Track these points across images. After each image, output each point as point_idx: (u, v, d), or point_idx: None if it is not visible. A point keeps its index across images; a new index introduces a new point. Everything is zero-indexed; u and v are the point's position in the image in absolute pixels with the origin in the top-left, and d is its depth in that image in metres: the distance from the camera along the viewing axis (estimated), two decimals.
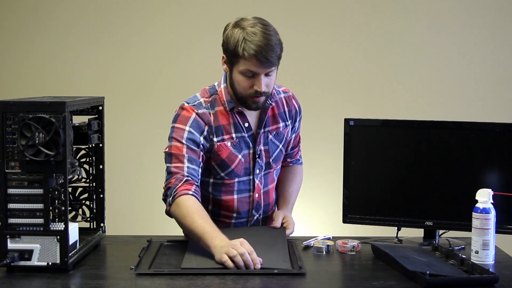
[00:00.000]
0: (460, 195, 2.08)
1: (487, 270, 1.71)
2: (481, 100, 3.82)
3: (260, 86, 1.98)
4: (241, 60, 1.96)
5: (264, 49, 1.93)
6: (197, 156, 2.01)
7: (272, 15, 3.85)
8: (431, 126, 2.14)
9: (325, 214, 3.80)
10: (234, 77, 2.02)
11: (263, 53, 1.93)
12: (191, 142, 2.01)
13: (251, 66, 1.96)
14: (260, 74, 1.97)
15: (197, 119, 2.04)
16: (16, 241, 1.75)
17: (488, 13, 3.81)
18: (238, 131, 2.09)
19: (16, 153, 1.73)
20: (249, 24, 1.98)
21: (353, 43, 3.85)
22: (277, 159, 2.20)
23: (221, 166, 2.08)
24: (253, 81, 1.99)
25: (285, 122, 2.21)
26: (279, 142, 2.19)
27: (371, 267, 1.87)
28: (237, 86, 2.02)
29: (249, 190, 2.15)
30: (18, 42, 3.95)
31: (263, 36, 1.95)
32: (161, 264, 1.81)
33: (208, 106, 2.07)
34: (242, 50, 1.94)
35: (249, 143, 2.11)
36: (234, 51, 1.97)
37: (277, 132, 2.18)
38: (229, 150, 2.08)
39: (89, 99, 2.01)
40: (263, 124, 2.13)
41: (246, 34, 1.95)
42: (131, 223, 3.75)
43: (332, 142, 3.12)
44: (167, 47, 3.90)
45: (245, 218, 2.17)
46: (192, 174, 1.99)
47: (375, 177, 2.16)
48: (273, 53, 1.95)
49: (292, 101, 2.24)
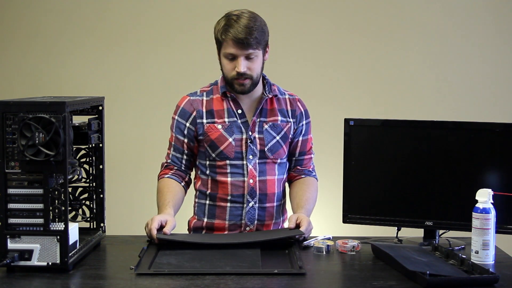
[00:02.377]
0: (460, 195, 2.08)
1: (487, 270, 1.71)
2: (481, 100, 3.82)
3: (239, 67, 2.10)
4: (223, 44, 2.12)
5: (241, 32, 2.07)
6: (180, 144, 2.25)
7: (272, 14, 3.85)
8: (431, 126, 2.14)
9: (325, 214, 3.79)
10: (221, 62, 2.17)
11: (239, 35, 2.07)
12: (178, 131, 2.25)
13: (230, 48, 2.10)
14: (239, 56, 2.11)
15: (185, 107, 2.24)
16: (16, 241, 1.75)
17: (488, 13, 3.81)
18: (230, 116, 2.22)
19: (16, 153, 1.73)
20: (235, 12, 2.13)
21: (353, 43, 3.85)
22: (274, 149, 2.24)
23: (211, 146, 2.21)
24: (234, 63, 2.12)
25: (286, 118, 2.27)
26: (276, 134, 2.24)
27: (371, 267, 1.87)
28: (223, 70, 2.17)
29: (243, 174, 2.21)
30: (18, 42, 3.94)
31: (242, 22, 2.09)
32: (161, 264, 1.81)
33: (202, 94, 2.25)
34: (221, 34, 2.11)
35: (241, 128, 2.21)
36: (217, 36, 2.14)
37: (274, 124, 2.24)
38: (219, 132, 2.20)
39: (89, 99, 2.01)
40: (257, 113, 2.22)
41: (227, 20, 2.12)
42: (131, 223, 3.74)
43: (332, 142, 3.12)
44: (167, 47, 3.90)
45: (240, 204, 2.21)
46: (173, 161, 2.28)
47: (375, 177, 2.16)
48: (250, 36, 2.08)
49: (297, 103, 2.31)
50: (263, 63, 2.18)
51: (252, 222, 2.22)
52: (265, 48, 2.18)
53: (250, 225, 2.22)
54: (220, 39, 2.12)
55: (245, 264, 1.80)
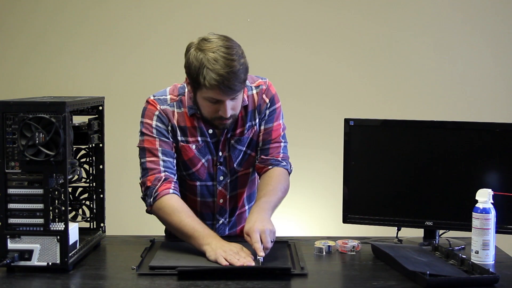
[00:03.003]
0: (460, 195, 2.08)
1: (487, 270, 1.71)
2: (481, 100, 3.82)
3: (225, 112, 1.90)
4: (203, 88, 1.87)
5: (226, 78, 1.82)
6: (170, 147, 2.02)
7: (271, 16, 3.86)
8: (431, 126, 2.14)
9: (325, 214, 3.80)
10: (198, 100, 1.95)
11: (225, 82, 1.82)
12: (161, 135, 2.02)
13: (214, 95, 1.87)
14: (224, 101, 1.89)
15: (161, 114, 2.02)
16: (16, 241, 1.75)
17: (488, 13, 3.81)
18: (203, 135, 2.04)
19: (16, 153, 1.73)
20: (211, 48, 1.87)
21: (353, 43, 3.85)
22: (242, 162, 2.10)
23: (184, 165, 2.07)
24: (218, 107, 1.90)
25: (252, 121, 2.08)
26: (242, 146, 2.09)
27: (371, 267, 1.87)
28: (202, 110, 1.95)
29: (213, 195, 2.11)
30: (18, 42, 3.94)
31: (225, 63, 1.83)
32: (161, 264, 1.81)
33: (173, 105, 2.04)
34: (203, 80, 1.84)
35: (212, 150, 2.06)
36: (195, 78, 1.88)
37: (239, 138, 2.07)
38: (193, 153, 2.04)
39: (89, 99, 2.01)
40: (225, 131, 2.04)
41: (207, 60, 1.84)
42: (131, 223, 3.74)
43: (332, 142, 3.13)
44: (167, 47, 3.90)
45: (210, 221, 2.14)
46: (168, 168, 2.00)
47: (375, 177, 2.16)
48: (236, 81, 1.84)
49: (262, 96, 2.08)
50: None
51: (223, 234, 2.14)
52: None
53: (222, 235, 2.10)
54: (202, 83, 1.85)
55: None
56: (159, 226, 2.33)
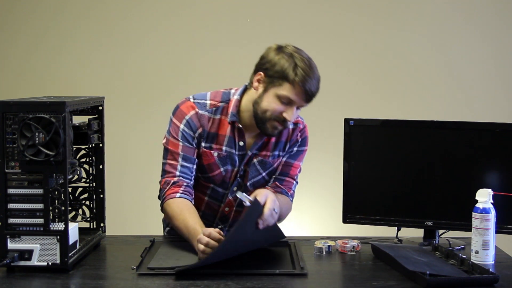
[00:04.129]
0: (460, 195, 2.08)
1: (487, 270, 1.71)
2: (481, 100, 3.82)
3: (290, 115, 1.94)
4: (286, 84, 1.91)
5: (312, 83, 1.92)
6: (192, 153, 2.04)
7: (271, 16, 3.86)
8: (431, 126, 2.14)
9: (325, 214, 3.80)
10: (266, 97, 1.95)
11: (310, 86, 1.91)
12: (186, 140, 2.03)
13: (293, 94, 1.91)
14: (295, 103, 1.94)
15: (192, 119, 2.02)
16: (16, 241, 1.75)
17: (488, 13, 3.81)
18: (230, 146, 2.05)
19: (16, 153, 1.73)
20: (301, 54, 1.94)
21: (353, 43, 3.85)
22: (256, 184, 2.12)
23: (201, 168, 2.08)
24: (285, 108, 1.94)
25: (279, 152, 2.13)
26: (262, 170, 2.11)
27: (371, 267, 1.87)
28: (267, 106, 1.95)
29: (220, 201, 2.13)
30: (18, 42, 3.95)
31: (315, 73, 1.94)
32: (161, 264, 1.81)
33: (211, 110, 2.04)
34: (294, 75, 1.90)
35: (235, 161, 2.07)
36: (282, 72, 1.91)
37: (262, 160, 2.10)
38: (213, 160, 2.05)
39: (89, 99, 2.01)
40: (255, 147, 2.07)
41: (300, 60, 1.92)
42: (131, 223, 3.75)
43: (332, 142, 3.12)
44: (167, 47, 3.90)
45: (210, 223, 2.14)
46: (184, 173, 2.03)
47: (375, 177, 2.16)
48: (316, 90, 1.94)
49: (297, 133, 2.14)
50: None
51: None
52: None
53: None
54: (290, 78, 1.90)
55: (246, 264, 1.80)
56: (159, 226, 2.33)
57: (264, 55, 1.99)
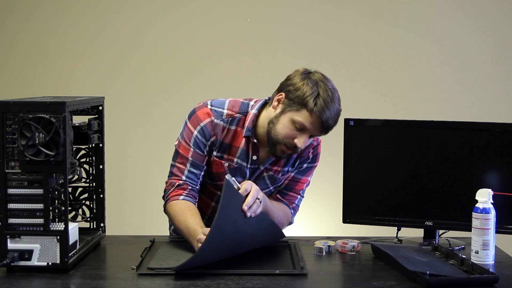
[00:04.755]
0: (460, 195, 2.08)
1: (487, 270, 1.71)
2: (481, 100, 3.82)
3: (301, 143, 1.92)
4: (304, 111, 1.90)
5: (330, 116, 1.90)
6: (202, 160, 2.03)
7: (271, 16, 3.86)
8: (431, 126, 2.14)
9: (325, 214, 3.80)
10: (282, 120, 1.94)
11: (327, 118, 1.90)
12: (197, 147, 2.02)
13: (309, 122, 1.90)
14: (309, 132, 1.93)
15: (206, 127, 2.01)
16: (16, 241, 1.75)
17: (488, 13, 3.81)
18: (242, 159, 2.05)
19: (16, 153, 1.73)
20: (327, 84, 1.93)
21: (354, 43, 3.85)
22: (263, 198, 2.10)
23: (209, 175, 2.09)
24: (297, 134, 1.93)
25: (290, 168, 2.12)
26: (271, 184, 2.12)
27: (371, 267, 1.87)
28: (280, 129, 1.94)
29: None
30: (18, 42, 3.95)
31: (334, 104, 1.91)
32: (161, 264, 1.81)
33: (227, 120, 2.03)
34: (313, 104, 1.88)
35: (245, 173, 2.07)
36: (302, 99, 1.90)
37: (272, 175, 2.10)
38: (223, 170, 2.05)
39: (89, 99, 2.01)
40: (268, 161, 2.07)
41: (324, 91, 1.90)
42: (131, 223, 3.75)
43: (332, 142, 3.12)
44: (167, 47, 3.90)
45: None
46: (190, 179, 2.03)
47: (375, 177, 2.16)
48: (333, 123, 1.93)
49: (310, 150, 2.13)
50: None
51: None
52: None
53: None
54: (308, 106, 1.88)
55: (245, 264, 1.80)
56: (159, 226, 2.33)
57: (290, 76, 1.98)
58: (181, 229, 1.95)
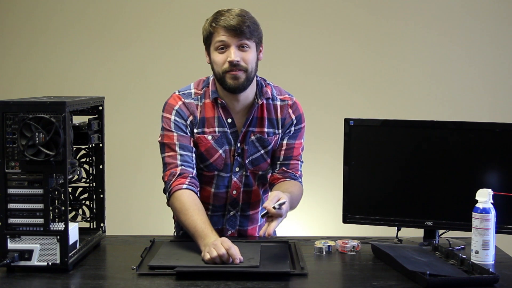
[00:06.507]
0: (460, 195, 2.08)
1: (487, 270, 1.71)
2: (481, 100, 3.82)
3: (231, 55, 1.99)
4: (213, 35, 2.02)
5: (232, 20, 1.99)
6: (188, 141, 2.07)
7: (272, 14, 3.86)
8: (431, 126, 2.14)
9: (325, 214, 3.80)
10: (212, 59, 2.05)
11: (231, 22, 1.98)
12: (179, 129, 2.07)
13: (221, 36, 2.00)
14: (231, 45, 2.00)
15: (181, 108, 2.09)
16: (16, 241, 1.75)
17: (488, 14, 3.81)
18: (221, 126, 2.09)
19: (16, 153, 1.73)
20: (224, 8, 2.05)
21: (354, 43, 3.85)
22: (255, 163, 2.13)
23: (200, 157, 2.10)
24: (226, 54, 2.01)
25: (274, 129, 2.14)
26: (261, 147, 2.13)
27: (371, 267, 1.87)
28: (215, 66, 2.04)
29: (227, 186, 2.14)
30: (18, 42, 3.95)
31: (234, 11, 2.02)
32: (161, 264, 1.81)
33: (197, 98, 2.11)
34: (210, 24, 2.02)
35: (230, 140, 2.10)
36: (206, 29, 2.04)
37: (260, 137, 2.12)
38: (209, 144, 2.09)
39: (89, 99, 2.01)
40: (247, 123, 2.10)
41: (217, 12, 2.04)
42: (131, 223, 3.75)
43: (332, 142, 3.13)
44: (168, 47, 3.90)
45: (221, 212, 2.17)
46: (185, 161, 2.05)
47: (375, 177, 2.16)
48: (242, 23, 1.99)
49: (288, 110, 2.15)
50: (257, 60, 2.05)
51: (234, 227, 2.18)
52: (259, 45, 2.06)
53: (232, 230, 2.17)
54: (210, 29, 2.01)
55: (245, 264, 1.80)
56: (159, 226, 2.33)
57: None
58: (188, 227, 1.93)
